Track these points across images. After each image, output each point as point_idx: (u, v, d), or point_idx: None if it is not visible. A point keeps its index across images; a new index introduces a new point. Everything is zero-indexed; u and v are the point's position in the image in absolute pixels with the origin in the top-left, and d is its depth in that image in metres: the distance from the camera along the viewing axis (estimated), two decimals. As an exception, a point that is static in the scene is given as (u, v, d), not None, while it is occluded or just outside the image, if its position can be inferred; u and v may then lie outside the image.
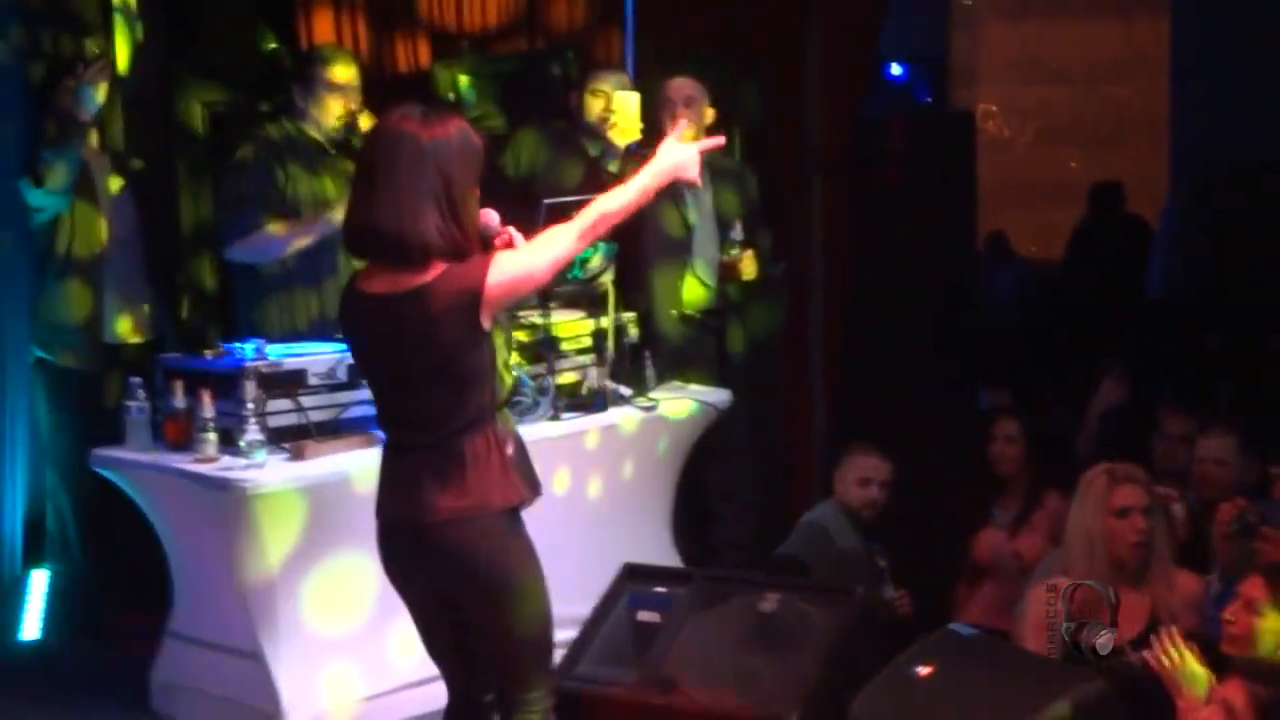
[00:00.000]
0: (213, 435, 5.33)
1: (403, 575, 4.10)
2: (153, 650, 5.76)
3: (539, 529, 5.79)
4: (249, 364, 5.32)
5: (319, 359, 5.45)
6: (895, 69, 12.46)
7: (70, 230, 6.23)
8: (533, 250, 3.98)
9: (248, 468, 5.19)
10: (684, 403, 6.34)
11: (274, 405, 5.33)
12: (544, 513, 5.81)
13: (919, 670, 4.97)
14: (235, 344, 5.52)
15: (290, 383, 5.38)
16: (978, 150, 8.25)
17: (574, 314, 6.12)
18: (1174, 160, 12.28)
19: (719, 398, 6.47)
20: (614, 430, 6.08)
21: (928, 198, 7.70)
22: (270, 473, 5.19)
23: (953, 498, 6.68)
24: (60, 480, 6.41)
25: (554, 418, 5.86)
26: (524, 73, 7.35)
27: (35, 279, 6.34)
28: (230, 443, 5.31)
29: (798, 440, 7.77)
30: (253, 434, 5.21)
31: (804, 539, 6.41)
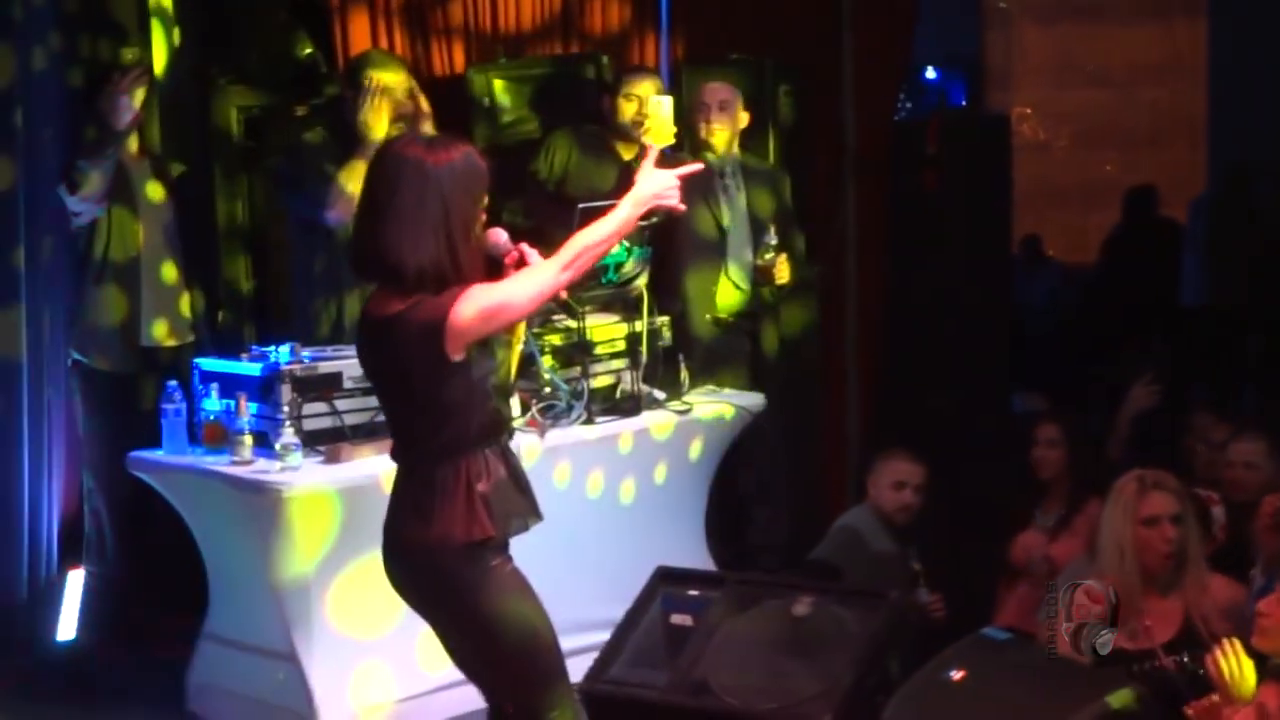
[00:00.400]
0: (248, 438, 5.36)
1: (401, 596, 4.11)
2: (188, 652, 5.79)
3: (573, 531, 5.85)
4: (284, 367, 5.35)
5: (354, 362, 5.47)
6: (930, 72, 12.45)
7: (107, 235, 6.26)
8: (513, 283, 3.95)
9: (283, 470, 5.21)
10: (718, 406, 6.34)
11: (309, 408, 5.36)
12: (578, 516, 5.88)
13: (952, 674, 4.96)
14: (271, 347, 5.55)
15: (325, 386, 5.40)
16: (1013, 153, 8.20)
17: (608, 318, 6.12)
18: (1211, 163, 12.23)
19: (752, 401, 6.47)
20: (647, 433, 6.08)
21: (963, 201, 7.67)
22: (305, 475, 5.21)
23: (989, 501, 6.66)
24: (97, 482, 6.44)
25: (588, 421, 5.87)
26: (558, 76, 7.35)
27: (73, 283, 6.38)
28: (266, 445, 5.34)
29: (831, 443, 7.76)
30: (288, 437, 5.23)
31: (837, 543, 6.40)
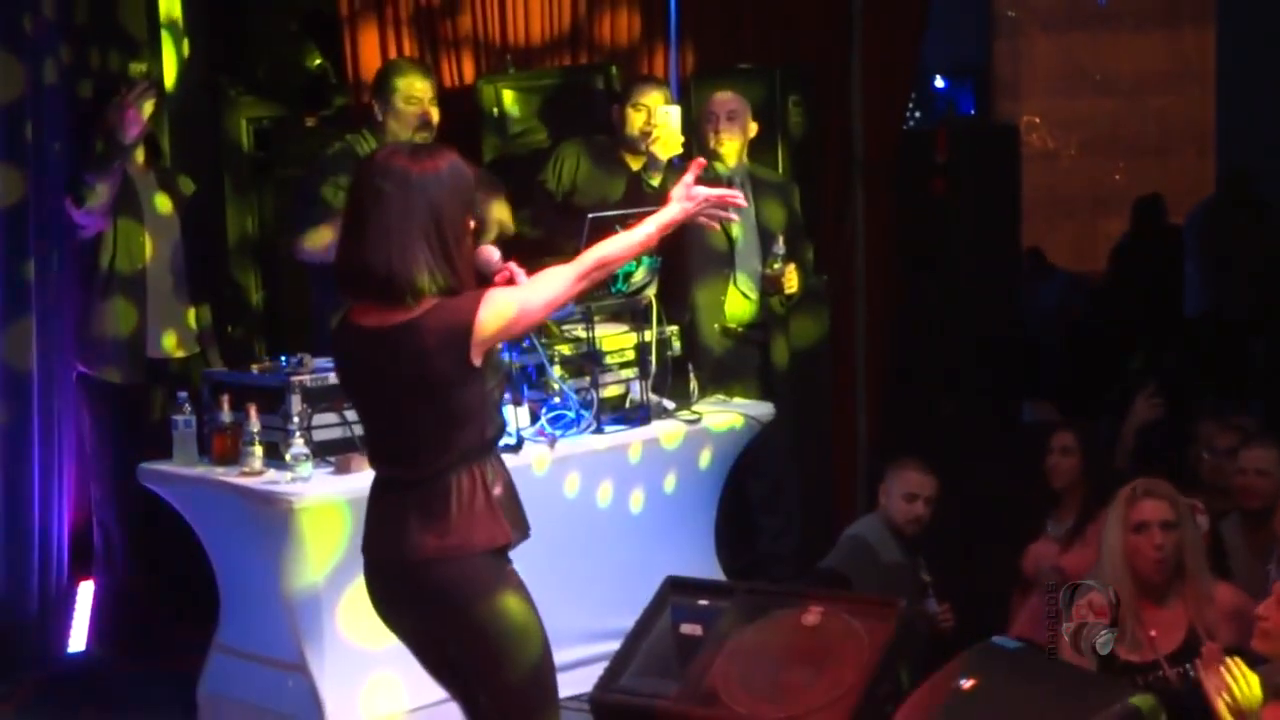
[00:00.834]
0: (258, 449, 5.37)
1: (393, 616, 4.04)
2: (199, 663, 5.79)
3: (583, 541, 5.85)
4: (294, 378, 5.36)
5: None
6: (939, 81, 12.46)
7: (113, 247, 6.27)
8: (529, 289, 3.93)
9: (293, 481, 5.22)
10: (727, 416, 6.34)
11: (319, 419, 5.37)
12: (588, 525, 5.88)
13: (962, 683, 4.96)
14: (281, 358, 5.57)
15: (335, 396, 5.40)
16: (1022, 162, 8.22)
17: (617, 327, 6.13)
18: (1219, 171, 12.23)
19: (762, 411, 6.47)
20: (657, 443, 6.08)
21: (971, 210, 7.68)
22: (315, 486, 5.22)
23: (998, 510, 6.65)
24: (105, 495, 6.45)
25: (597, 430, 5.87)
26: (567, 87, 7.36)
27: (80, 294, 6.39)
28: (276, 456, 5.35)
29: (841, 453, 7.76)
30: (298, 447, 5.24)
31: (846, 552, 6.40)
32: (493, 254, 4.11)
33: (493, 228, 5.98)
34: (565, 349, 5.86)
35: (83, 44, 6.59)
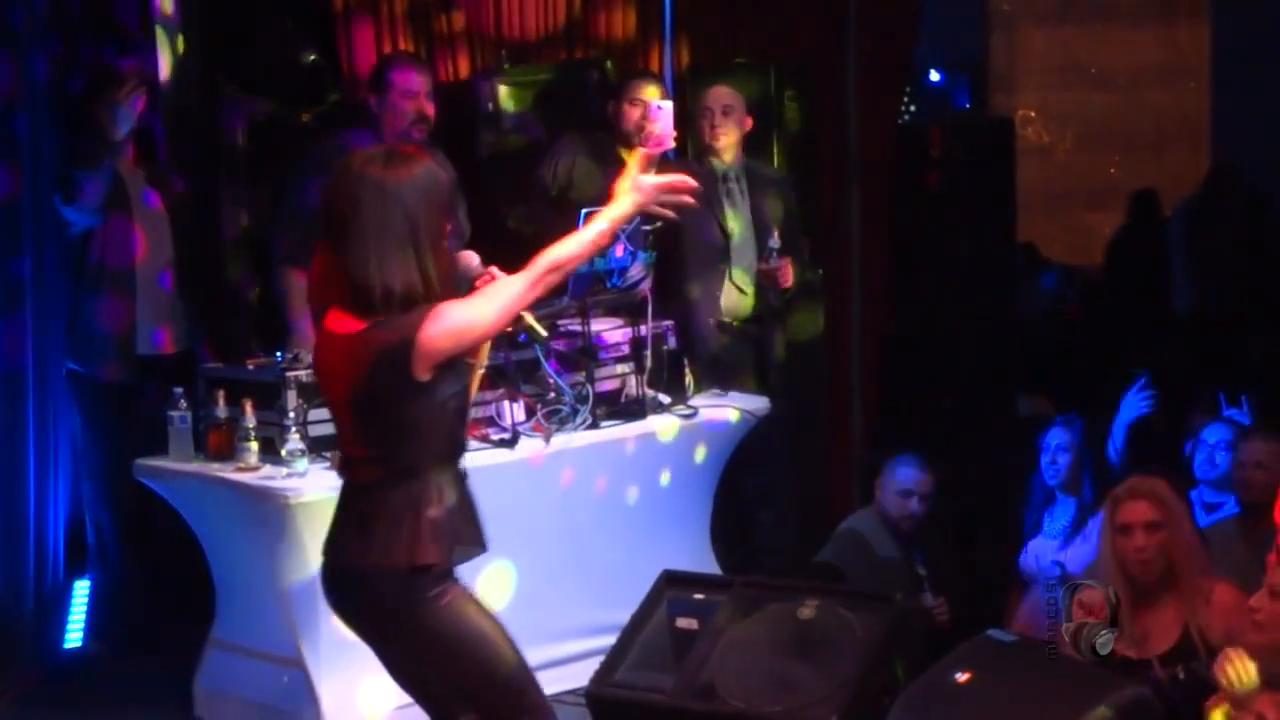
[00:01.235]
0: (254, 444, 5.37)
1: (341, 619, 4.02)
2: (195, 658, 5.80)
3: (579, 535, 5.86)
4: (290, 373, 5.36)
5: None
6: (934, 75, 12.46)
7: (103, 243, 6.27)
8: (480, 300, 3.87)
9: (289, 476, 5.23)
10: (723, 410, 6.35)
11: (315, 414, 5.36)
12: (583, 519, 5.89)
13: (957, 676, 4.97)
14: (277, 353, 5.57)
15: (330, 392, 5.40)
16: (1017, 156, 8.21)
17: (613, 322, 6.14)
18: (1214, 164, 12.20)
19: (758, 405, 6.47)
20: (653, 438, 6.09)
21: (967, 204, 7.68)
22: (311, 481, 5.22)
23: (994, 505, 6.66)
24: (97, 492, 6.45)
25: (593, 425, 5.87)
26: (562, 82, 7.36)
27: (70, 292, 6.38)
28: (272, 452, 5.35)
29: (836, 447, 7.77)
30: (294, 443, 5.24)
31: (842, 546, 6.41)
32: (472, 259, 4.07)
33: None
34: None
35: (76, 39, 6.58)
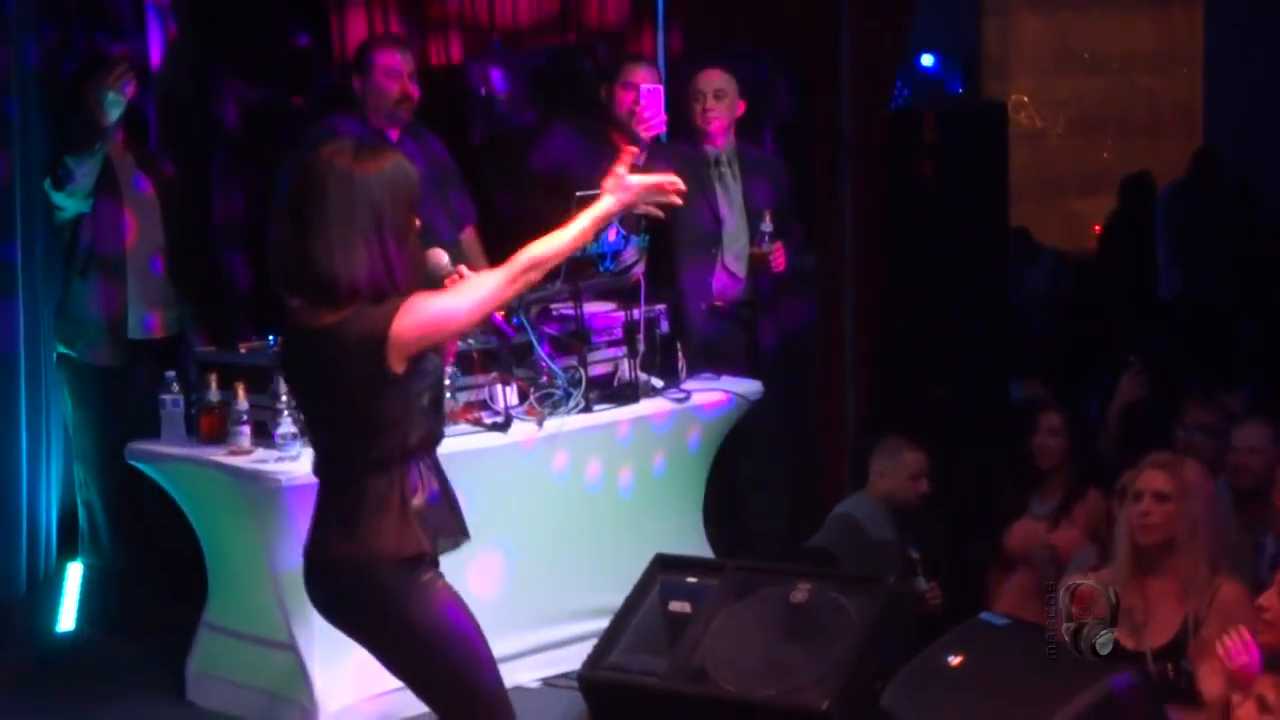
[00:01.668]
0: (247, 428, 5.38)
1: (324, 615, 4.00)
2: (187, 641, 5.81)
3: (571, 519, 5.86)
4: (282, 357, 5.35)
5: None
6: (927, 60, 12.45)
7: (93, 228, 6.26)
8: (455, 295, 3.86)
9: (281, 460, 5.23)
10: (715, 394, 6.35)
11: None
12: (576, 503, 5.89)
13: (950, 660, 4.98)
14: (269, 337, 5.57)
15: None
16: (1010, 141, 8.20)
17: (606, 306, 6.14)
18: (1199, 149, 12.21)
19: (750, 389, 6.48)
20: (645, 421, 6.09)
21: (959, 189, 7.66)
22: (304, 465, 5.18)
23: (986, 489, 6.67)
24: (88, 475, 6.46)
25: (586, 409, 5.88)
26: (555, 66, 7.36)
27: (60, 276, 6.37)
28: (264, 435, 5.35)
29: (829, 432, 7.77)
30: (286, 426, 5.25)
31: (835, 531, 6.42)
32: (441, 257, 4.04)
33: None
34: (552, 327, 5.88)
35: (67, 23, 6.58)
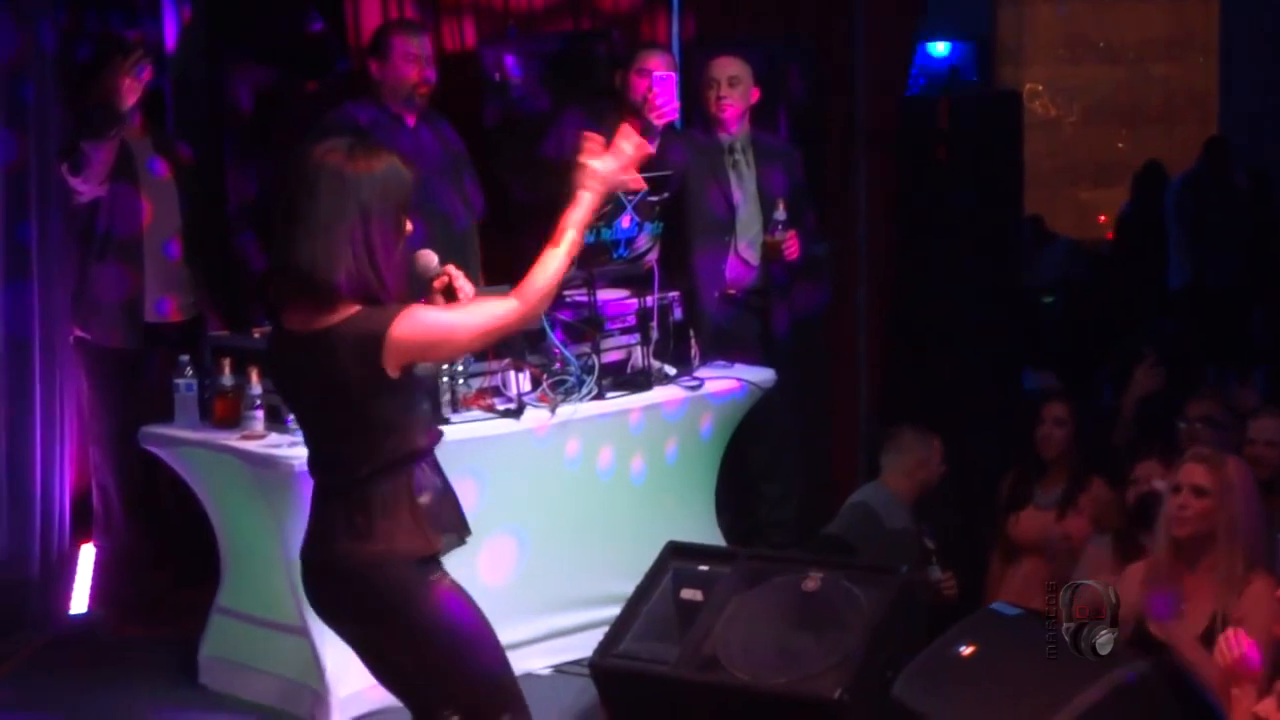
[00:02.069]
0: (260, 412, 5.38)
1: (329, 620, 3.95)
2: (200, 625, 5.82)
3: (584, 506, 5.86)
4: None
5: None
6: (942, 48, 12.43)
7: (110, 212, 6.27)
8: (462, 314, 3.80)
9: (294, 444, 5.22)
10: (728, 382, 6.35)
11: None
12: (588, 491, 5.89)
13: (962, 649, 4.98)
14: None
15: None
16: (1024, 130, 8.20)
17: (619, 293, 6.13)
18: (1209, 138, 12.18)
19: (763, 377, 6.47)
20: (658, 409, 6.09)
21: (973, 177, 7.67)
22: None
23: (1000, 478, 6.67)
24: (103, 458, 6.46)
25: (598, 396, 5.87)
26: (569, 52, 7.35)
27: (77, 260, 6.38)
28: (277, 420, 5.35)
29: (842, 420, 7.77)
30: (299, 411, 5.24)
31: (851, 519, 6.43)
32: (430, 258, 3.99)
33: None
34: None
35: (83, 7, 6.58)
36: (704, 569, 5.59)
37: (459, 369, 5.56)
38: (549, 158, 6.70)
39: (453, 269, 3.95)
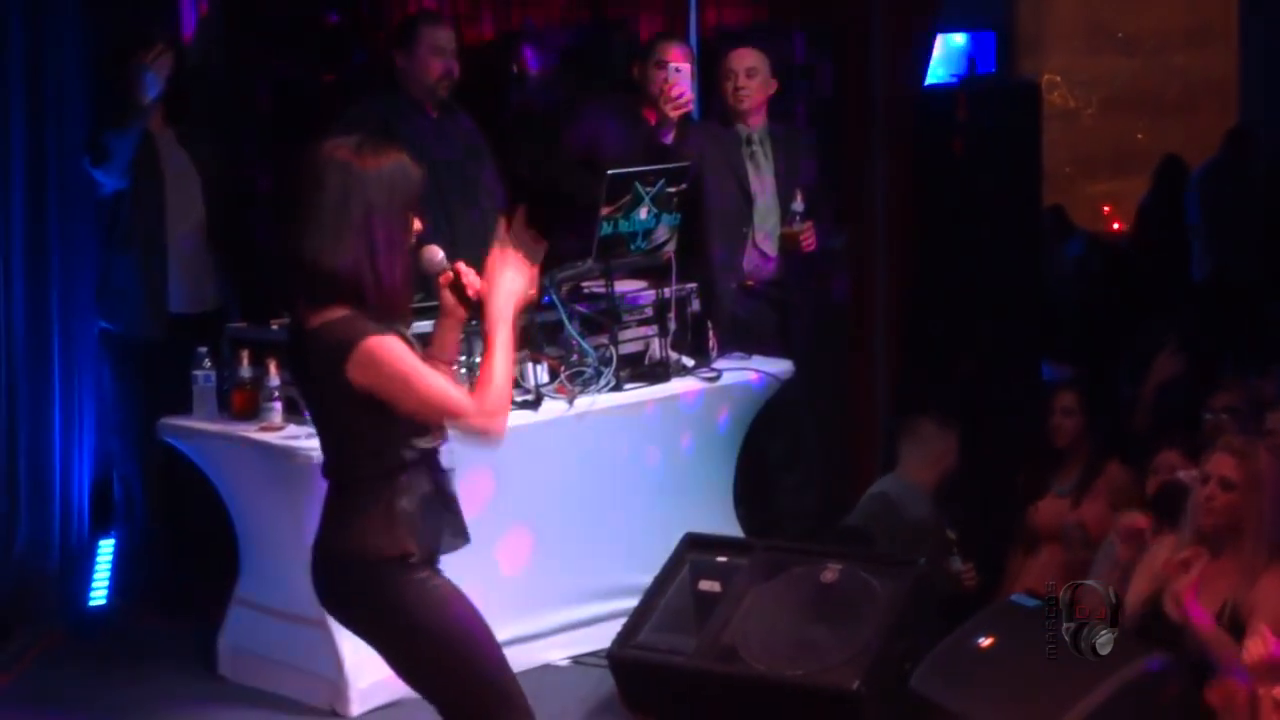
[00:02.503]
0: (279, 404, 5.39)
1: (327, 608, 3.94)
2: (219, 616, 5.83)
3: (601, 498, 5.87)
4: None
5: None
6: (960, 38, 12.39)
7: (133, 204, 6.28)
8: (427, 374, 3.69)
9: (312, 436, 5.20)
10: (746, 373, 6.34)
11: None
12: (606, 482, 5.90)
13: (980, 641, 4.97)
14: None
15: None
16: (1043, 120, 8.17)
17: (637, 284, 6.14)
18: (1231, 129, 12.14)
19: (781, 368, 6.47)
20: (676, 400, 6.09)
21: (992, 168, 7.65)
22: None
23: (1019, 469, 6.67)
24: (126, 449, 6.48)
25: (616, 387, 5.88)
26: (587, 44, 7.35)
27: (100, 251, 6.41)
28: (296, 411, 5.36)
29: (860, 411, 7.76)
30: (318, 403, 5.24)
31: (871, 510, 6.42)
32: (436, 254, 3.96)
33: None
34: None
35: (103, 1, 6.59)
36: (722, 560, 5.60)
37: (476, 361, 5.55)
38: (567, 150, 6.71)
39: (461, 265, 3.92)
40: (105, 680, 5.86)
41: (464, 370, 5.17)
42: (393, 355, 3.65)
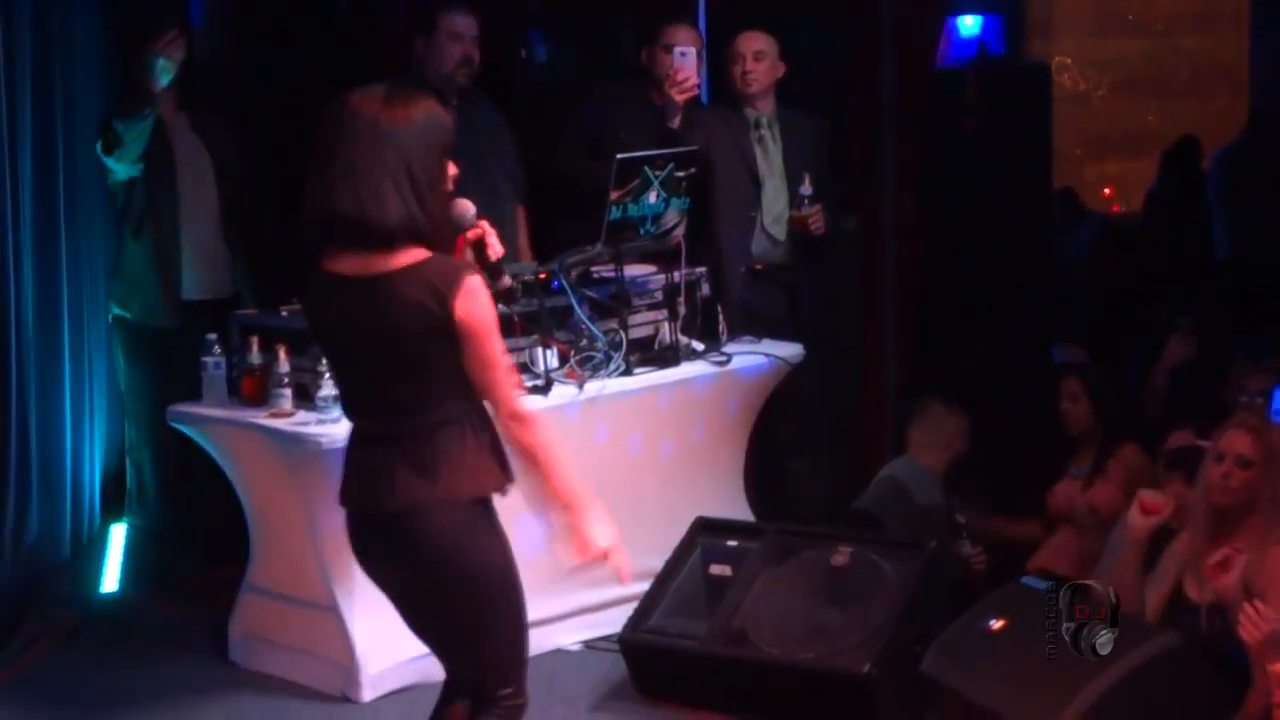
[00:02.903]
0: (288, 390, 5.39)
1: (374, 568, 3.95)
2: (230, 603, 5.84)
3: (612, 482, 5.83)
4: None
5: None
6: (970, 20, 12.37)
7: (145, 191, 6.29)
8: (498, 326, 3.80)
9: (322, 422, 5.24)
10: (756, 357, 6.34)
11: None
12: (616, 466, 5.89)
13: (991, 624, 4.97)
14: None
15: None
16: (1053, 103, 8.15)
17: (646, 269, 6.13)
18: (1252, 113, 12.12)
19: (791, 352, 6.46)
20: (686, 385, 6.08)
21: (1002, 150, 7.64)
22: (344, 427, 5.20)
23: (1028, 453, 6.67)
24: (139, 436, 6.49)
25: (626, 372, 5.87)
26: (596, 28, 7.34)
27: (113, 238, 6.41)
28: (306, 398, 5.37)
29: (870, 394, 7.75)
30: (328, 389, 5.25)
31: (881, 494, 6.42)
32: (468, 208, 3.96)
33: None
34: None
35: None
36: (732, 544, 5.60)
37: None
38: (575, 134, 6.70)
39: (487, 225, 3.97)
40: (117, 667, 5.86)
41: None
42: (487, 295, 3.74)
